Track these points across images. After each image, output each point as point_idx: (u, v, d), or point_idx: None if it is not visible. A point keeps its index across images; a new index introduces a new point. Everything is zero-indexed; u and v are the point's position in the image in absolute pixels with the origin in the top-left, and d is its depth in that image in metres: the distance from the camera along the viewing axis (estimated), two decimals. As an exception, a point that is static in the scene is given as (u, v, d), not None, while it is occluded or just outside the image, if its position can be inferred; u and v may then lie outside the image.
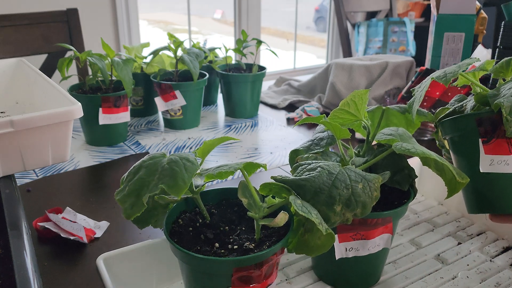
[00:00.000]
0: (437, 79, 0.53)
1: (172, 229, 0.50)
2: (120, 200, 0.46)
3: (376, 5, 2.99)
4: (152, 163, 0.47)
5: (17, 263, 0.37)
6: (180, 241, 0.48)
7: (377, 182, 0.48)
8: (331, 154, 0.58)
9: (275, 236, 0.48)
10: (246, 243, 0.47)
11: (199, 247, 0.47)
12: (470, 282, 0.58)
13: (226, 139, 0.50)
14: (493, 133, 0.51)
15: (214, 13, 3.62)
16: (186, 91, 1.10)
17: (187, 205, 0.53)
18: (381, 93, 1.28)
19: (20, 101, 0.72)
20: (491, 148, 0.51)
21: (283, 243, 0.46)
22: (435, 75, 0.55)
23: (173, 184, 0.44)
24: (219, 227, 0.51)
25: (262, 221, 0.46)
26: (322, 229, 0.43)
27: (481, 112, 0.53)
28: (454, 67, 0.54)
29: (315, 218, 0.43)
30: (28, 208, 0.76)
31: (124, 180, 0.48)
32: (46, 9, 1.69)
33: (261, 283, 0.45)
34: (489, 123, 0.51)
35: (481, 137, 0.52)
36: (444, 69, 0.55)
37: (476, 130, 0.52)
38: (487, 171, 0.52)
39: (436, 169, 0.56)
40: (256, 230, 0.47)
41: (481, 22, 1.18)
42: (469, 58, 0.55)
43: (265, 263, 0.44)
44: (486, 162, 0.52)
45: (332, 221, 0.46)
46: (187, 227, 0.50)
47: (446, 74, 0.53)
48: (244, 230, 0.50)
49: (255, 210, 0.47)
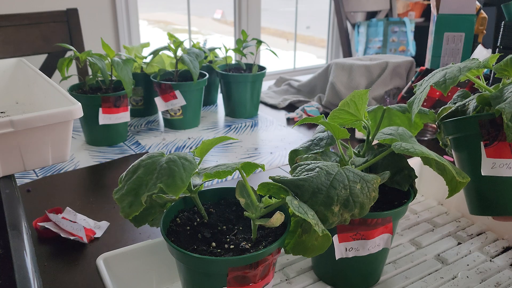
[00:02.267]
0: (436, 85, 0.51)
1: (169, 228, 0.49)
2: (118, 199, 0.46)
3: (376, 5, 2.99)
4: (150, 162, 0.47)
5: (17, 263, 0.37)
6: (177, 240, 0.48)
7: (376, 183, 0.48)
8: (331, 154, 0.57)
9: (271, 236, 0.48)
10: (242, 243, 0.46)
11: (195, 246, 0.47)
12: (470, 282, 0.58)
13: (225, 138, 0.50)
14: (495, 136, 0.50)
15: (214, 13, 3.62)
16: (186, 91, 1.10)
17: (185, 204, 0.53)
18: (381, 93, 1.28)
19: (20, 101, 0.72)
20: (493, 151, 0.51)
21: (279, 244, 0.46)
22: (434, 80, 0.52)
23: (171, 183, 0.44)
24: (216, 226, 0.50)
25: (258, 221, 0.46)
26: (319, 230, 0.43)
27: (483, 114, 0.52)
28: (455, 71, 0.52)
29: (311, 219, 0.42)
30: (28, 208, 0.76)
31: (122, 179, 0.48)
32: (46, 9, 1.69)
33: (257, 283, 0.45)
34: (492, 126, 0.50)
35: (483, 140, 0.51)
36: (444, 72, 0.53)
37: (479, 132, 0.51)
38: (489, 175, 0.51)
39: (437, 168, 0.56)
40: (253, 230, 0.47)
41: (481, 22, 1.18)
42: (470, 60, 0.53)
43: (261, 263, 0.44)
44: (488, 165, 0.51)
45: (330, 221, 0.46)
46: (184, 226, 0.50)
47: (446, 80, 0.51)
48: (242, 230, 0.50)
49: (252, 210, 0.47)
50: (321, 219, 0.46)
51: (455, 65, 0.53)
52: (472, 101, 0.56)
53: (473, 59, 0.53)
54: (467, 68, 0.51)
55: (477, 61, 0.52)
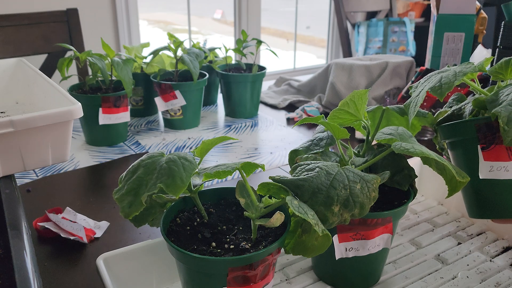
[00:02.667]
0: (432, 91, 0.51)
1: (169, 228, 0.49)
2: (118, 199, 0.46)
3: (376, 5, 2.99)
4: (150, 162, 0.47)
5: (17, 263, 0.37)
6: (177, 240, 0.48)
7: (376, 183, 0.48)
8: (331, 154, 0.57)
9: (272, 236, 0.48)
10: (242, 243, 0.46)
11: (195, 246, 0.47)
12: (470, 282, 0.58)
13: (225, 138, 0.50)
14: (492, 139, 0.50)
15: (214, 13, 3.62)
16: (186, 91, 1.10)
17: (185, 204, 0.53)
18: (381, 93, 1.28)
19: (20, 101, 0.72)
20: (490, 155, 0.50)
21: (279, 244, 0.46)
22: (430, 85, 0.52)
23: (171, 183, 0.44)
24: (216, 226, 0.50)
25: (258, 221, 0.46)
26: (319, 230, 0.43)
27: (480, 118, 0.52)
28: (450, 77, 0.51)
29: (311, 219, 0.43)
30: (28, 208, 0.76)
31: (122, 179, 0.48)
32: (46, 9, 1.69)
33: (257, 283, 0.45)
34: (488, 130, 0.50)
35: (480, 144, 0.51)
36: (439, 77, 0.52)
37: (475, 136, 0.51)
38: (487, 178, 0.51)
39: (437, 168, 0.56)
40: (253, 230, 0.47)
41: (481, 22, 1.18)
42: (466, 64, 0.52)
43: (261, 263, 0.44)
44: (486, 169, 0.51)
45: (330, 221, 0.46)
46: (184, 226, 0.50)
47: (442, 86, 0.50)
48: (242, 230, 0.50)
49: (252, 210, 0.47)
50: (321, 219, 0.46)
51: (451, 69, 0.53)
52: (467, 104, 0.56)
53: (469, 63, 0.53)
54: (462, 73, 0.51)
55: (472, 65, 0.52)
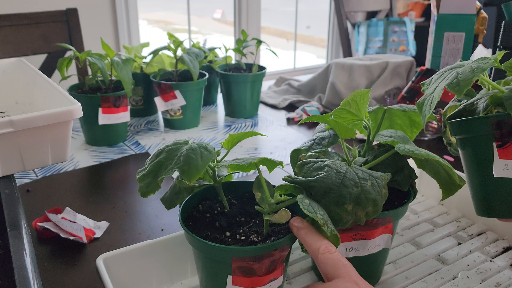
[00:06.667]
0: (449, 87, 0.48)
1: (191, 214, 0.52)
2: (139, 179, 0.49)
3: (376, 5, 2.99)
4: (173, 148, 0.50)
5: (17, 263, 0.37)
6: (194, 225, 0.50)
7: (384, 180, 0.48)
8: (333, 154, 0.57)
9: (282, 233, 0.48)
10: (252, 236, 0.48)
11: (209, 233, 0.48)
12: (470, 282, 0.58)
13: (253, 134, 0.52)
14: (509, 137, 0.49)
15: (214, 13, 3.62)
16: (186, 91, 1.10)
17: (210, 193, 0.56)
18: (381, 93, 1.28)
19: (20, 101, 0.72)
20: (506, 153, 0.49)
21: (285, 241, 0.46)
22: (447, 81, 0.49)
23: (186, 169, 0.46)
24: (235, 217, 0.52)
25: (266, 216, 0.47)
26: (327, 230, 0.43)
27: (496, 115, 0.50)
28: (468, 72, 0.48)
29: (319, 219, 0.43)
30: (28, 208, 0.76)
31: (148, 161, 0.51)
32: (46, 9, 1.69)
33: (262, 277, 0.45)
34: (506, 127, 0.49)
35: (496, 141, 0.49)
36: (455, 73, 0.50)
37: (491, 133, 0.50)
38: (501, 176, 0.50)
39: (431, 171, 0.55)
40: (265, 225, 0.48)
41: (481, 22, 1.18)
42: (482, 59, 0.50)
43: (266, 257, 0.44)
44: (500, 167, 0.49)
45: (344, 220, 0.46)
46: (205, 213, 0.52)
47: (459, 82, 0.48)
48: (257, 224, 0.51)
49: (264, 205, 0.47)
50: (334, 219, 0.46)
51: (466, 64, 0.50)
52: (481, 100, 0.54)
53: (485, 58, 0.50)
54: (480, 69, 0.48)
55: (490, 60, 0.49)
